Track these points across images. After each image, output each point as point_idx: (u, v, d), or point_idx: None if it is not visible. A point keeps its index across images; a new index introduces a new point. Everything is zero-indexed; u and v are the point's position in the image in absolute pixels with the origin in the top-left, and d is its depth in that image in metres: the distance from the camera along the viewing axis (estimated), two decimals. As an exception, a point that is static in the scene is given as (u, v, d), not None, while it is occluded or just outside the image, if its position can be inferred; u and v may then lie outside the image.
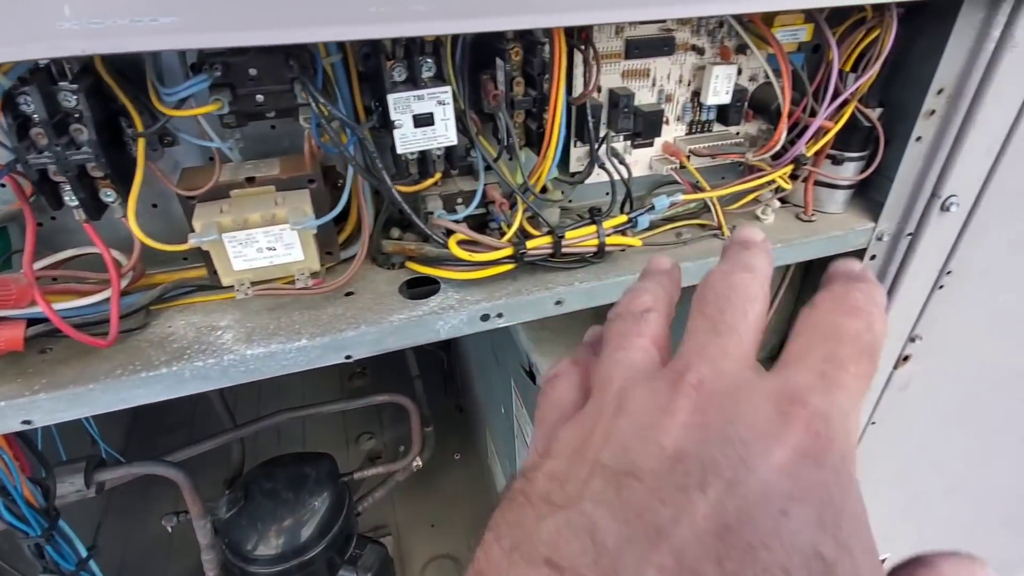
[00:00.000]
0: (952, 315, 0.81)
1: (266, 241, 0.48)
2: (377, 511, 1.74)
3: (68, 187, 0.43)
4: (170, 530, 0.99)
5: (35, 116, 0.41)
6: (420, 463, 1.41)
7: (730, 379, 0.19)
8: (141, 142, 0.44)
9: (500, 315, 0.55)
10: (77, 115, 0.42)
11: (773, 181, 0.68)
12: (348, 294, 0.56)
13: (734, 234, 0.25)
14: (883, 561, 0.17)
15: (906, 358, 0.85)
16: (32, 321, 0.44)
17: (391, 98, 0.47)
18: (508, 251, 0.53)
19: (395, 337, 0.52)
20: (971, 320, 0.84)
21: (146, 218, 0.55)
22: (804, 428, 0.17)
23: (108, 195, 0.45)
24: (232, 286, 0.49)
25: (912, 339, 0.82)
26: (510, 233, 0.55)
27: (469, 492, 1.87)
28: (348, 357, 0.52)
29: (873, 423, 0.90)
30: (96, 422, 1.13)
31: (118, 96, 0.43)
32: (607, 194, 0.76)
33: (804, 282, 0.86)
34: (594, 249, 0.57)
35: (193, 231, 0.46)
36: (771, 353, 0.95)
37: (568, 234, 0.55)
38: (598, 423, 0.20)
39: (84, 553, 0.58)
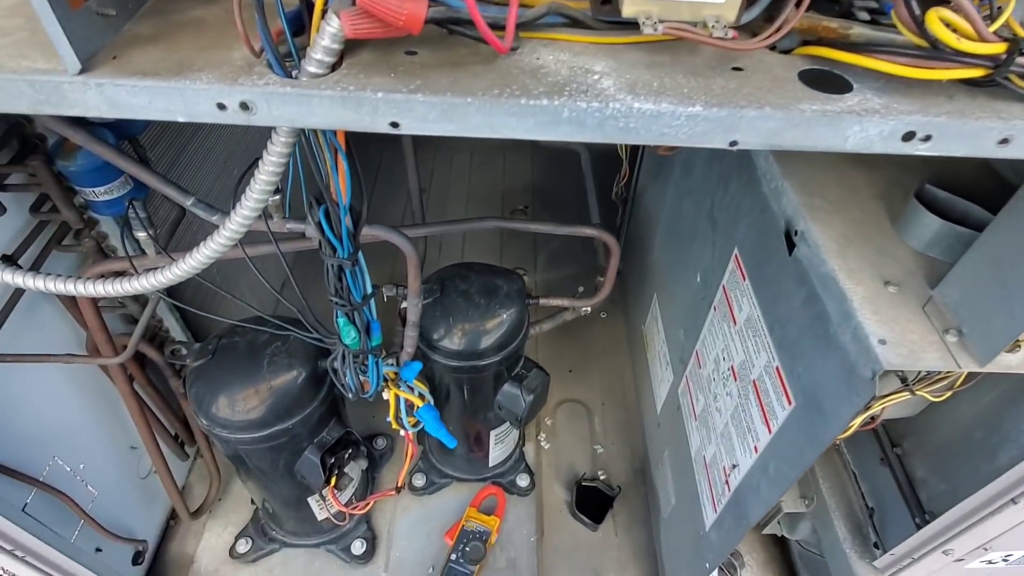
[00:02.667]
0: None
1: (693, -37, 0.37)
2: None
3: None
4: (384, 299, 1.03)
5: None
6: (589, 309, 1.37)
7: None
8: None
9: (928, 138, 0.42)
10: None
11: None
12: (736, 69, 0.44)
13: None
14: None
15: None
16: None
17: None
18: (998, 48, 0.38)
19: (797, 132, 0.41)
20: None
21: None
22: None
23: None
24: (635, 19, 0.39)
25: None
26: (996, 24, 0.39)
27: (609, 349, 1.87)
28: (733, 144, 0.42)
29: None
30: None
31: None
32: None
33: None
34: (1093, 77, 0.41)
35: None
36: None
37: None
38: None
39: (370, 289, 0.58)
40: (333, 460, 1.15)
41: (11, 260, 0.89)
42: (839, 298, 0.72)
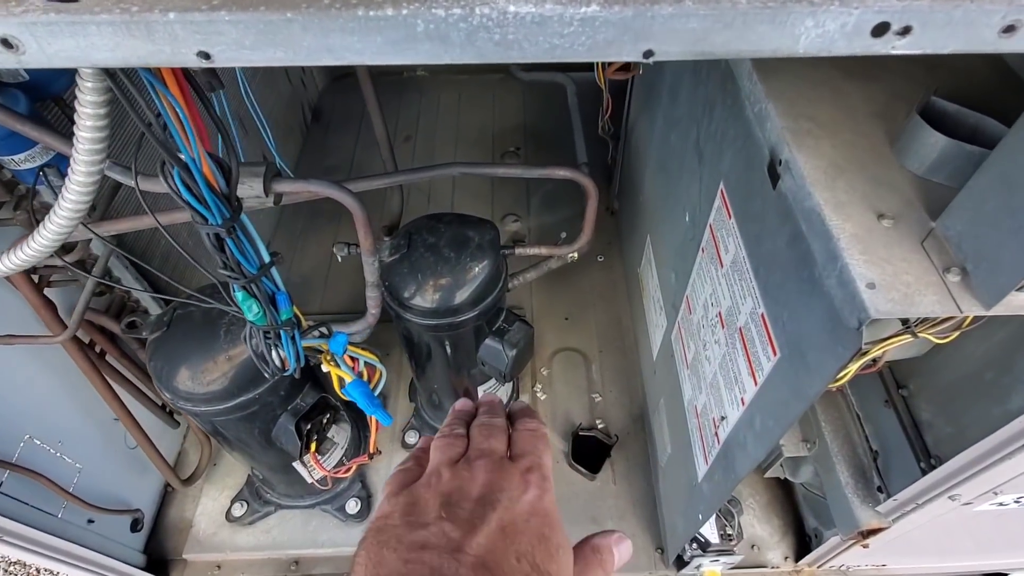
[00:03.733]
0: None
1: None
2: (516, 293, 1.72)
3: None
4: (340, 259, 0.97)
5: None
6: (576, 256, 1.29)
7: (498, 461, 0.40)
8: None
9: (907, 30, 0.32)
10: None
11: None
12: (655, -45, 0.34)
13: (483, 398, 0.48)
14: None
15: None
16: None
17: None
18: None
19: (731, 33, 0.32)
20: None
21: None
22: (536, 484, 0.38)
23: None
24: None
25: None
26: None
27: (607, 294, 1.79)
28: (648, 55, 0.33)
29: None
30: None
31: None
32: None
33: None
34: None
35: None
36: None
37: None
38: (436, 484, 0.39)
39: (267, 258, 0.51)
40: (310, 426, 1.12)
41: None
42: (824, 237, 0.63)
